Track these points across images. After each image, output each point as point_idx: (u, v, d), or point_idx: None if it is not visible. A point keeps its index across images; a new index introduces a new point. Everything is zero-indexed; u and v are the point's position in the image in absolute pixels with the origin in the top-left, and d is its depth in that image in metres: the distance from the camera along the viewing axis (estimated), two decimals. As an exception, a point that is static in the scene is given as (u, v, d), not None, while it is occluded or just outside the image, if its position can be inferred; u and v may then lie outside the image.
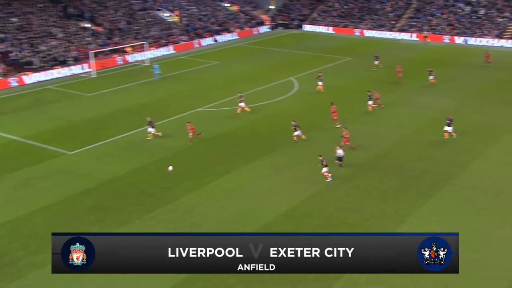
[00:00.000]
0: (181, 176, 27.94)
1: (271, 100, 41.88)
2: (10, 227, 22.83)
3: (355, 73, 51.45)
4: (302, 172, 28.41)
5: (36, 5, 59.45)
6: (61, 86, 47.21)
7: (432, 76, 45.38)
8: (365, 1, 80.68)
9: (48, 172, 28.47)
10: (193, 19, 73.72)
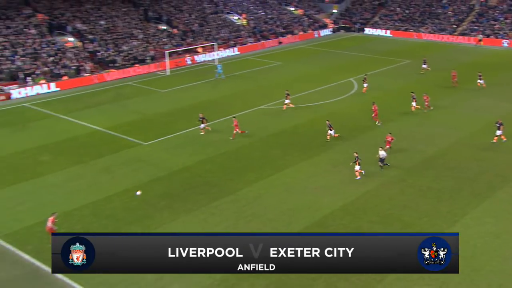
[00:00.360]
0: (244, 169, 28.10)
1: (330, 100, 41.26)
2: (92, 208, 23.87)
3: (413, 75, 49.67)
4: (358, 170, 27.75)
5: (121, 9, 61.70)
6: (139, 82, 48.81)
7: (482, 81, 42.99)
8: (426, 6, 77.65)
9: (125, 160, 29.51)
10: (259, 22, 73.89)
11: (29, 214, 23.22)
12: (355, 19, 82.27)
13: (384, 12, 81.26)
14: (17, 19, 51.68)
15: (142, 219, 22.73)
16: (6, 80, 44.71)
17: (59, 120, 37.28)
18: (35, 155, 30.33)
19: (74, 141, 32.67)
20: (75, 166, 28.65)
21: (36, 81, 45.46)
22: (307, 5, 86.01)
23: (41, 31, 51.95)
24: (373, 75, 49.93)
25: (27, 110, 40.01)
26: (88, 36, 54.46)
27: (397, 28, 75.63)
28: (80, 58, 50.70)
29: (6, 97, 42.90)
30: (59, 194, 25.20)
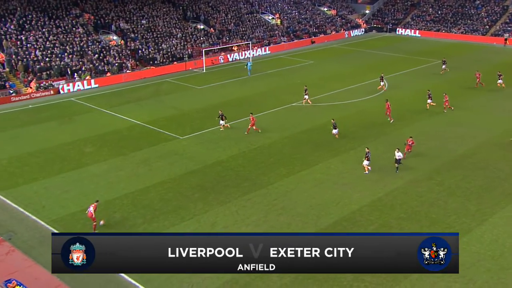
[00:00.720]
0: (275, 164, 28.02)
1: (361, 98, 40.64)
2: (131, 198, 24.30)
3: (443, 75, 48.33)
4: (387, 167, 27.27)
5: (161, 9, 62.43)
6: (177, 79, 49.34)
7: (501, 80, 41.86)
8: (459, 7, 75.32)
9: (163, 153, 29.90)
10: (293, 22, 73.40)
11: (74, 202, 23.86)
12: (387, 19, 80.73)
13: (416, 12, 79.37)
14: (66, 18, 53.04)
15: (177, 210, 23.00)
16: (55, 76, 46.02)
17: (102, 114, 38.13)
18: (80, 146, 31.12)
19: (116, 134, 33.33)
20: (116, 157, 29.22)
21: (82, 77, 46.60)
22: (340, 6, 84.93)
23: (87, 30, 53.18)
24: (403, 75, 48.97)
25: (73, 104, 41.09)
26: (131, 35, 55.39)
27: (429, 28, 73.75)
28: (122, 56, 51.64)
29: (55, 92, 44.19)
30: (101, 184, 25.78)
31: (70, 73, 46.77)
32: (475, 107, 38.02)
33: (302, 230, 21.17)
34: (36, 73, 45.33)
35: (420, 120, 35.11)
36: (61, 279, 17.46)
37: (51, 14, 52.84)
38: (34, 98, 42.54)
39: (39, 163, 28.60)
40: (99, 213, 22.00)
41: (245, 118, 35.20)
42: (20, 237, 20.90)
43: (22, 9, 51.61)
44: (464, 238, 20.49)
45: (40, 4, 53.55)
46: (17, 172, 27.42)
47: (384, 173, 26.54)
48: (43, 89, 43.79)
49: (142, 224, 21.83)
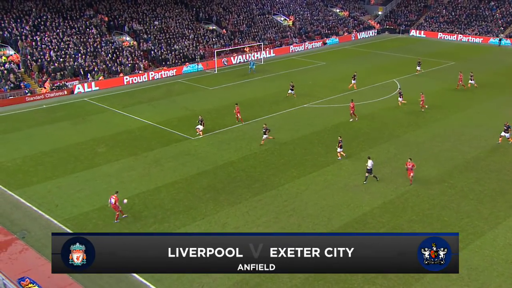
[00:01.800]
0: (286, 165, 28.01)
1: (373, 100, 40.45)
2: (143, 197, 24.47)
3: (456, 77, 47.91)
4: (399, 169, 27.11)
5: (174, 10, 62.79)
6: (189, 80, 49.56)
7: (473, 81, 42.56)
8: (473, 8, 74.58)
9: (174, 153, 30.05)
10: (305, 23, 73.30)
11: (86, 201, 24.09)
12: (400, 21, 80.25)
13: (429, 14, 78.77)
14: (80, 20, 53.60)
15: (188, 210, 23.10)
16: (69, 76, 46.52)
17: (115, 114, 38.45)
18: (93, 146, 31.42)
19: (128, 134, 33.59)
20: (128, 157, 29.45)
21: (95, 78, 47.04)
22: (352, 7, 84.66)
23: (101, 31, 53.67)
24: (415, 77, 48.62)
25: (86, 104, 41.50)
26: (143, 36, 55.78)
27: (443, 30, 73.14)
28: (135, 56, 52.02)
29: (68, 92, 44.67)
30: (113, 183, 25.99)
31: (83, 73, 47.24)
32: (490, 108, 37.62)
33: (312, 231, 21.13)
34: (50, 74, 45.87)
35: (434, 122, 34.85)
36: (73, 277, 17.63)
37: (66, 15, 53.44)
38: (48, 98, 43.07)
39: (53, 162, 28.93)
40: (110, 211, 22.16)
41: (256, 119, 35.26)
42: (33, 235, 21.16)
43: (37, 10, 52.27)
44: (477, 241, 20.28)
45: (55, 5, 54.20)
46: (31, 171, 27.78)
47: (395, 175, 26.39)
48: (57, 89, 44.29)
49: (153, 224, 21.97)
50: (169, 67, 52.24)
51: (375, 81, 46.43)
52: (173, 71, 51.31)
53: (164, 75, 50.68)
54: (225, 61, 55.02)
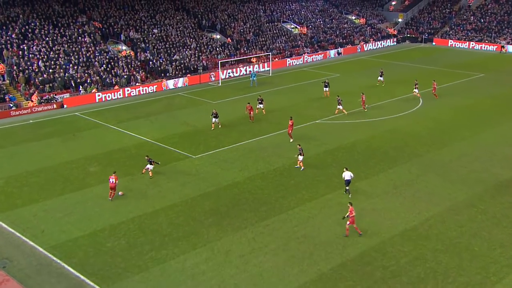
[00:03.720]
0: (296, 186, 28.01)
1: (393, 115, 40.54)
2: (139, 222, 24.50)
3: (487, 89, 47.99)
4: (422, 192, 27.04)
5: (175, 18, 63.74)
6: (190, 93, 50.00)
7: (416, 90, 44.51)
8: (505, 14, 74.97)
9: (174, 173, 30.17)
10: (318, 32, 74.00)
11: (76, 226, 24.16)
12: (422, 28, 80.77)
13: (456, 21, 79.23)
14: (72, 27, 54.49)
15: (188, 236, 23.10)
16: (59, 89, 47.10)
17: (108, 130, 38.78)
18: (84, 165, 31.64)
19: (123, 152, 33.81)
20: (123, 178, 29.50)
21: (88, 90, 47.62)
22: (369, 14, 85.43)
23: (95, 40, 54.51)
24: (440, 90, 48.70)
25: (78, 119, 41.92)
26: (141, 45, 56.55)
27: (470, 38, 73.46)
28: (131, 67, 52.67)
29: (58, 106, 45.20)
30: (106, 206, 26.09)
31: (75, 85, 47.84)
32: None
33: (326, 260, 21.03)
34: (38, 86, 46.49)
35: (461, 139, 34.84)
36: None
37: (56, 22, 54.38)
38: (35, 113, 43.58)
39: (40, 183, 29.13)
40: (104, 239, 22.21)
41: (264, 136, 35.43)
42: (16, 265, 21.14)
43: (25, 16, 53.23)
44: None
45: (44, 11, 55.17)
46: (15, 193, 27.97)
47: (418, 199, 26.30)
48: (46, 103, 44.83)
49: (149, 251, 21.98)
50: (169, 78, 52.80)
51: (394, 95, 46.58)
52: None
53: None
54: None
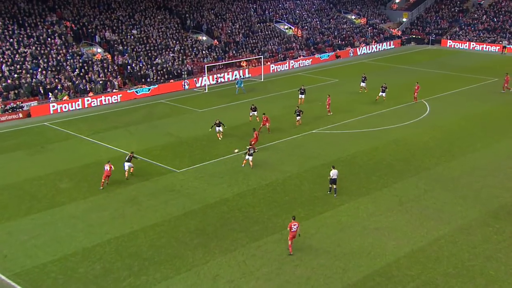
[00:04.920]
0: (291, 203, 28.05)
1: (397, 125, 40.84)
2: (115, 244, 24.35)
3: (501, 96, 48.52)
4: (430, 209, 27.19)
5: (156, 17, 63.95)
6: (174, 100, 50.06)
7: (383, 93, 46.43)
8: (521, 13, 76.23)
9: (155, 190, 30.10)
10: (314, 33, 74.60)
11: (44, 250, 23.94)
12: (429, 29, 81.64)
13: (466, 20, 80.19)
14: (40, 27, 54.48)
15: (171, 259, 23.01)
16: (26, 96, 46.96)
17: (82, 142, 38.64)
18: (54, 181, 31.45)
19: (98, 166, 33.59)
20: (98, 195, 29.45)
21: (58, 98, 47.54)
22: (371, 13, 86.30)
23: (66, 41, 54.53)
24: (449, 96, 49.20)
25: (47, 130, 41.76)
26: (118, 47, 56.66)
27: (482, 39, 74.35)
28: (108, 72, 52.69)
29: (24, 115, 45.03)
30: (79, 227, 25.93)
31: (44, 92, 47.74)
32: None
33: (324, 286, 21.03)
34: (1, 93, 46.32)
35: (472, 151, 35.14)
36: None
37: (22, 21, 54.31)
38: (-1, 123, 43.43)
39: (2, 202, 28.89)
40: (77, 264, 22.06)
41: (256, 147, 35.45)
42: (-24, 293, 20.97)
43: (-13, 16, 53.16)
44: (529, 299, 20.19)
45: (8, 9, 55.06)
46: (-24, 212, 27.76)
47: (426, 217, 26.44)
48: (10, 112, 44.68)
49: (127, 277, 21.85)
50: (150, 84, 52.87)
51: (399, 102, 46.93)
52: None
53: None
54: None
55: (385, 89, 46.98)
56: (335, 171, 28.60)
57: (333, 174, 28.57)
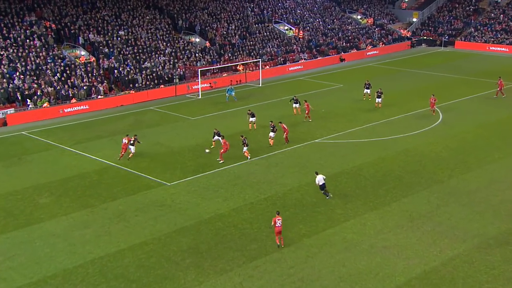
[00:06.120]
0: (292, 219, 28.00)
1: (406, 134, 40.90)
2: (100, 264, 24.25)
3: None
4: (443, 226, 27.15)
5: (145, 17, 64.16)
6: (164, 107, 50.13)
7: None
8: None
9: (143, 205, 30.03)
10: (317, 34, 74.91)
11: (20, 272, 23.80)
12: (441, 29, 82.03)
13: (481, 20, 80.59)
14: (17, 27, 54.58)
15: (161, 281, 22.94)
16: (1, 103, 46.98)
17: (64, 153, 38.62)
18: (33, 196, 31.37)
19: (81, 179, 33.64)
20: (81, 211, 29.37)
21: (37, 104, 47.58)
22: (378, 13, 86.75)
23: (47, 43, 54.65)
24: (463, 103, 49.35)
25: (25, 140, 41.73)
26: (104, 50, 56.81)
27: (500, 41, 74.66)
28: (92, 77, 52.78)
29: (0, 123, 45.01)
30: (59, 247, 25.82)
31: (22, 98, 47.76)
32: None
33: (329, 310, 20.98)
34: (-22, 99, 46.39)
35: (490, 162, 35.16)
36: None
37: (-1, 22, 54.41)
38: (-27, 132, 43.43)
39: (-23, 218, 28.90)
40: (56, 286, 21.89)
41: (253, 158, 35.48)
42: None
43: (-39, 16, 53.26)
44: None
45: (-16, 9, 55.21)
46: None
47: (439, 234, 26.40)
48: (-14, 120, 44.74)
49: (113, 300, 21.79)
50: (138, 90, 52.97)
51: (409, 109, 47.04)
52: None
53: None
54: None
55: (380, 95, 47.14)
56: (320, 177, 29.49)
57: (319, 180, 29.42)
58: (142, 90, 53.13)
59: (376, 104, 47.00)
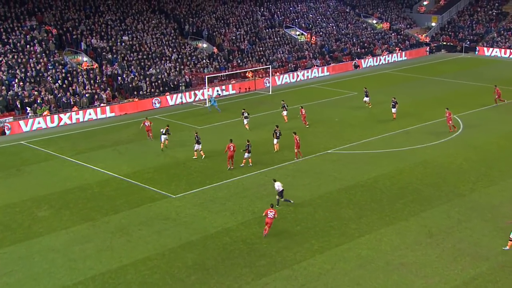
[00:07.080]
0: (303, 234, 27.94)
1: (425, 144, 40.78)
2: (101, 281, 24.23)
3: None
4: (465, 242, 26.97)
5: (150, 22, 64.51)
6: (170, 116, 50.27)
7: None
8: None
9: (147, 218, 30.08)
10: (330, 39, 74.99)
11: (18, 288, 23.97)
12: (462, 34, 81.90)
13: (505, 25, 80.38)
14: (17, 32, 55.01)
15: (165, 299, 22.95)
16: (0, 111, 47.26)
17: (64, 163, 38.79)
18: (31, 208, 31.48)
19: (82, 191, 33.75)
20: (82, 224, 29.43)
21: (38, 113, 47.84)
22: (394, 17, 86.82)
23: (48, 49, 55.03)
24: (486, 112, 49.13)
25: (24, 150, 41.95)
26: (107, 56, 57.12)
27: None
28: (95, 84, 53.04)
29: (-1, 132, 45.39)
30: (58, 262, 25.85)
31: (21, 106, 48.05)
32: None
33: (342, 331, 20.86)
34: (-25, 107, 46.73)
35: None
36: None
37: (-2, 26, 54.90)
38: (-30, 141, 43.72)
39: (-27, 232, 29.03)
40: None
41: (263, 170, 35.48)
42: None
43: (-41, 20, 53.77)
44: None
45: (-19, 13, 55.72)
46: None
47: (460, 251, 26.23)
48: (-17, 129, 45.02)
49: (114, 319, 21.79)
50: (143, 98, 53.16)
51: (427, 118, 46.90)
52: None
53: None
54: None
55: (395, 104, 46.85)
56: (278, 184, 30.80)
57: (278, 186, 30.74)
58: (146, 98, 53.33)
59: (393, 114, 46.76)
